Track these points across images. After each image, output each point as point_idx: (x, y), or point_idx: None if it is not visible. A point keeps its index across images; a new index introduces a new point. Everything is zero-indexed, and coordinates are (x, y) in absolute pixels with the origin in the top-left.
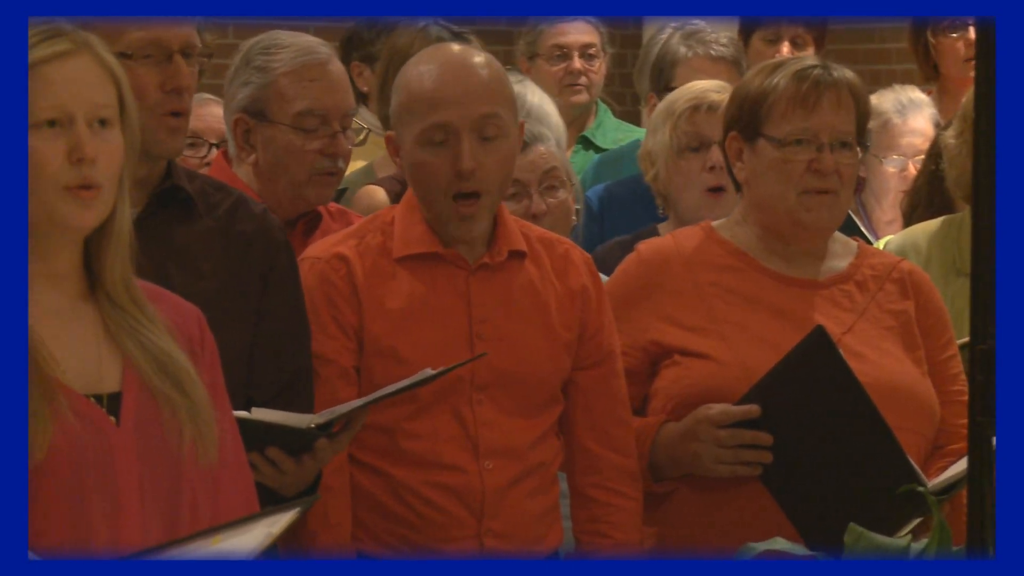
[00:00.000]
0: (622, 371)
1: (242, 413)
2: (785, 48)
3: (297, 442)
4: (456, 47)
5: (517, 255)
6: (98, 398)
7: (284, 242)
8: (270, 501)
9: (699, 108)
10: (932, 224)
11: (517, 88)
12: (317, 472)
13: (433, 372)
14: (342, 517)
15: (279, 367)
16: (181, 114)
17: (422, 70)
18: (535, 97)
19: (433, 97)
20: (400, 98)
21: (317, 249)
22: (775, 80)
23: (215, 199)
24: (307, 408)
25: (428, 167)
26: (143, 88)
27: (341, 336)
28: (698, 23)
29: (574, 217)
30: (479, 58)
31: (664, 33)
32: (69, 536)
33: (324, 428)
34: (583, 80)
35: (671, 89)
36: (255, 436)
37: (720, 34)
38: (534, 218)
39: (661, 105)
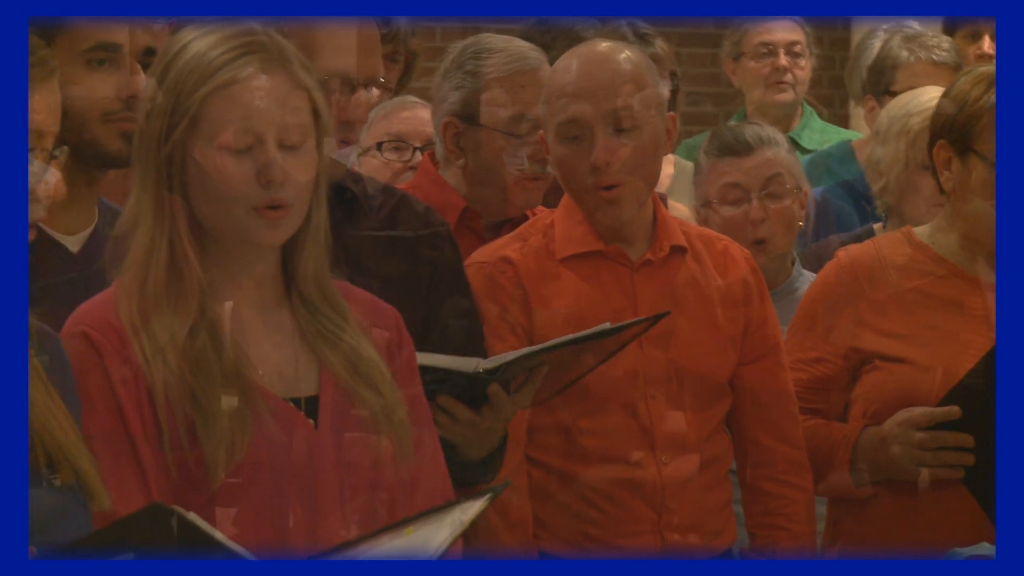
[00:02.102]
0: (787, 364)
1: None
2: (986, 44)
3: (467, 388)
4: (603, 43)
5: (678, 251)
6: (296, 401)
7: (448, 237)
8: (458, 474)
9: None
10: None
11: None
12: (502, 433)
13: (612, 326)
14: (523, 515)
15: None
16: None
17: (561, 67)
18: None
19: (566, 93)
20: (542, 95)
21: (482, 254)
22: (992, 98)
23: (379, 200)
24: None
25: (567, 162)
26: None
27: (511, 337)
28: (915, 26)
29: (800, 223)
30: (623, 53)
31: (877, 35)
32: (269, 538)
33: (493, 373)
34: (788, 77)
35: (892, 93)
36: (423, 381)
37: (942, 38)
38: (752, 224)
39: (894, 113)
